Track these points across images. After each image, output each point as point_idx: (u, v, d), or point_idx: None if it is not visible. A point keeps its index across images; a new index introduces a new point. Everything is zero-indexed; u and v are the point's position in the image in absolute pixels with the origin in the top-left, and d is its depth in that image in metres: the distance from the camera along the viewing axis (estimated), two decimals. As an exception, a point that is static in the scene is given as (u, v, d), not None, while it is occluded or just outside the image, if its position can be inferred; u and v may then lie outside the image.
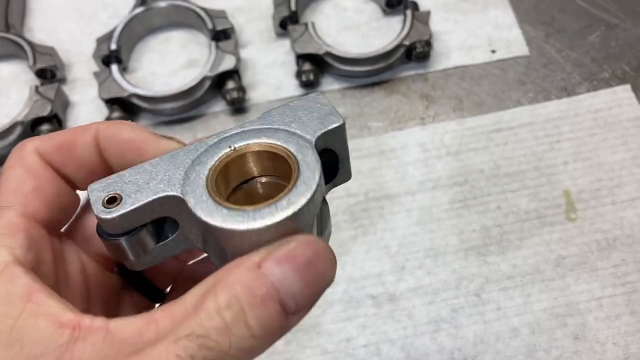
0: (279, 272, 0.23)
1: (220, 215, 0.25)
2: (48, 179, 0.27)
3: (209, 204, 0.26)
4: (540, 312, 0.51)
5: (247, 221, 0.25)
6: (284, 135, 0.28)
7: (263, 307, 0.22)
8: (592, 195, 0.56)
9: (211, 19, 0.65)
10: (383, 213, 0.56)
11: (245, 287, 0.22)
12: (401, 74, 0.64)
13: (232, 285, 0.22)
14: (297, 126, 0.29)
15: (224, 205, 0.25)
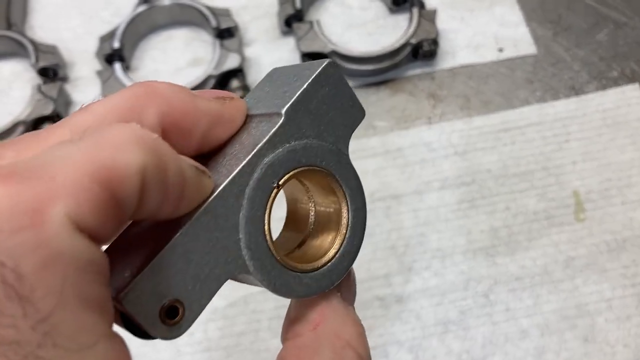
0: (351, 295, 0.27)
1: (301, 286, 0.25)
2: None
3: (283, 276, 0.24)
4: (550, 314, 0.51)
5: (323, 283, 0.25)
6: (321, 152, 0.25)
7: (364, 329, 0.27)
8: (601, 195, 0.56)
9: (215, 17, 0.65)
10: (389, 213, 0.56)
11: (359, 325, 0.26)
12: (407, 72, 0.64)
13: (353, 328, 0.26)
14: (326, 130, 0.26)
15: (298, 271, 0.25)
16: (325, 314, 0.25)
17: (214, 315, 0.52)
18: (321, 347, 0.24)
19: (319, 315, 0.25)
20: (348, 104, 0.26)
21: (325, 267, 0.26)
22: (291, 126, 0.24)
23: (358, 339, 0.25)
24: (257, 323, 0.51)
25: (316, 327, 0.25)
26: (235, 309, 0.52)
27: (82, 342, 0.18)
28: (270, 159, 0.24)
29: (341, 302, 0.26)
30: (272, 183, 0.24)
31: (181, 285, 0.21)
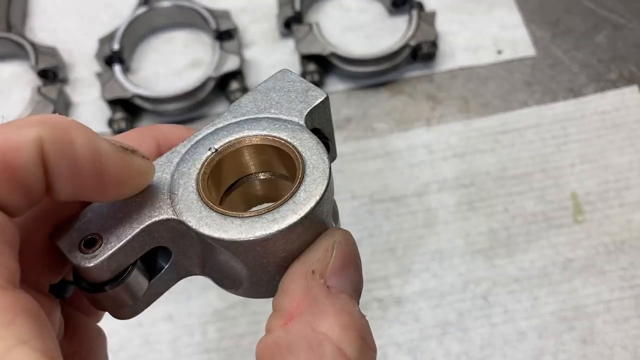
0: (346, 281, 0.23)
1: (235, 227, 0.22)
2: None
3: (215, 218, 0.23)
4: (548, 316, 0.51)
5: (269, 225, 0.22)
6: (267, 124, 0.25)
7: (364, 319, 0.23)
8: (599, 197, 0.56)
9: (215, 19, 0.65)
10: (389, 215, 0.56)
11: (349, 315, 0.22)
12: (406, 74, 0.64)
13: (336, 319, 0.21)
14: (277, 111, 0.26)
15: (233, 215, 0.23)
16: (300, 305, 0.22)
17: (213, 317, 0.52)
18: (293, 346, 0.21)
19: (293, 306, 0.22)
20: (304, 91, 0.27)
21: (265, 214, 0.23)
22: (232, 112, 0.27)
23: (341, 332, 0.21)
24: (256, 325, 0.51)
25: (288, 322, 0.21)
26: (235, 310, 0.52)
27: None
28: (204, 132, 0.26)
29: (323, 289, 0.22)
30: (208, 149, 0.25)
31: (102, 222, 0.23)
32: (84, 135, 0.21)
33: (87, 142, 0.21)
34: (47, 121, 0.21)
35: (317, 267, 0.23)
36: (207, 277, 0.26)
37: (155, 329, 0.52)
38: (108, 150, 0.22)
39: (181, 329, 0.51)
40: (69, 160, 0.21)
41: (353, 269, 0.24)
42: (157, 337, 0.51)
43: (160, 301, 0.55)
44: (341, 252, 0.23)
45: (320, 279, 0.23)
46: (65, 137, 0.21)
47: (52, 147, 0.20)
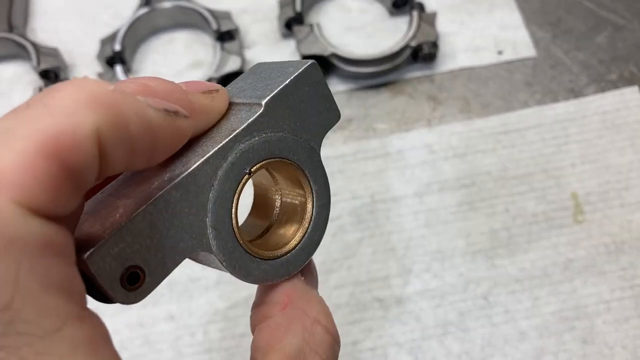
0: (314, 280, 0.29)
1: (259, 270, 0.26)
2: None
3: (245, 260, 0.26)
4: (549, 316, 0.51)
5: (285, 270, 0.27)
6: (295, 146, 0.27)
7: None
8: (600, 197, 0.56)
9: (216, 19, 0.65)
10: (389, 215, 0.56)
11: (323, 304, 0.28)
12: (407, 75, 0.64)
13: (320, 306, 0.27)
14: (302, 126, 0.27)
15: (260, 257, 0.26)
16: (291, 295, 0.27)
17: (215, 316, 0.52)
18: (292, 324, 0.25)
19: (285, 296, 0.27)
20: (325, 105, 0.27)
21: (285, 256, 0.27)
22: (269, 117, 0.25)
23: (325, 316, 0.27)
24: (257, 324, 0.51)
25: (285, 307, 0.26)
26: (237, 310, 0.52)
27: (47, 327, 0.17)
28: (245, 146, 0.24)
29: (305, 284, 0.28)
30: (244, 169, 0.24)
31: (145, 253, 0.22)
32: (135, 110, 0.20)
33: (139, 118, 0.20)
34: (97, 101, 0.19)
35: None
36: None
37: (157, 329, 0.52)
38: (158, 121, 0.21)
39: (182, 328, 0.52)
40: (126, 144, 0.19)
41: (315, 273, 0.30)
42: (158, 337, 0.51)
43: (162, 301, 0.55)
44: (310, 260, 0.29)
45: (302, 277, 0.28)
46: (120, 120, 0.19)
47: (109, 134, 0.19)
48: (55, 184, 0.18)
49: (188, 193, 0.23)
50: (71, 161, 0.18)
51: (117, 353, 0.20)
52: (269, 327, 0.26)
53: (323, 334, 0.26)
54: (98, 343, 0.19)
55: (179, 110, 0.23)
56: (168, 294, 0.53)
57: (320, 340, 0.26)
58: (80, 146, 0.18)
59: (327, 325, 0.26)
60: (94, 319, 0.19)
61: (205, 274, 0.54)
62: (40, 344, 0.17)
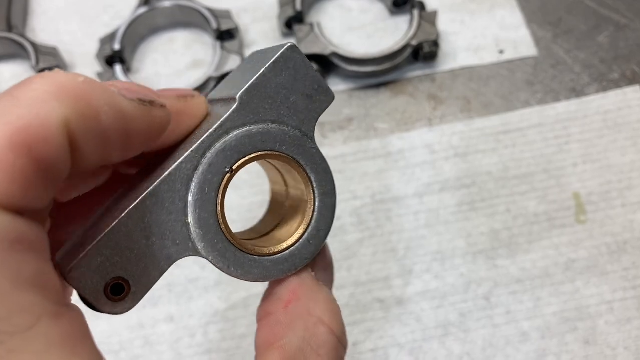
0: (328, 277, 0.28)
1: (258, 268, 0.25)
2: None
3: (240, 258, 0.24)
4: (550, 316, 0.51)
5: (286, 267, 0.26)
6: (281, 137, 0.25)
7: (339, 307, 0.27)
8: (601, 197, 0.55)
9: (216, 19, 0.65)
10: (390, 215, 0.56)
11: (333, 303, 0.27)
12: (408, 74, 0.64)
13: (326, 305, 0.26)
14: (287, 114, 0.25)
15: (256, 254, 0.25)
16: (297, 292, 0.26)
17: (214, 318, 0.52)
18: (293, 324, 0.24)
19: (290, 293, 0.26)
20: (312, 87, 0.25)
21: (287, 251, 0.26)
22: (247, 111, 0.24)
23: (331, 316, 0.25)
24: (257, 325, 0.51)
25: (288, 305, 0.25)
26: (236, 311, 0.52)
27: (19, 324, 0.17)
28: (222, 144, 0.24)
29: (314, 281, 0.26)
30: (224, 168, 0.24)
31: (126, 264, 0.22)
32: (106, 100, 0.19)
33: (111, 109, 0.19)
34: (66, 92, 0.18)
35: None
36: None
37: (156, 330, 0.51)
38: (132, 111, 0.20)
39: (182, 330, 0.51)
40: (98, 135, 0.19)
41: (331, 268, 0.29)
42: (158, 338, 0.51)
43: (161, 302, 0.55)
44: (323, 254, 0.28)
45: (312, 272, 0.27)
46: (90, 111, 0.19)
47: (79, 126, 0.18)
48: (25, 178, 0.17)
49: (164, 200, 0.23)
50: (40, 154, 0.17)
51: (97, 350, 0.19)
52: (269, 325, 0.25)
53: (326, 334, 0.25)
54: (76, 340, 0.18)
55: (155, 99, 0.22)
56: (167, 295, 0.53)
57: (323, 340, 0.24)
58: (49, 138, 0.17)
59: (331, 326, 0.25)
60: (72, 315, 0.19)
61: (204, 274, 0.53)
62: (12, 342, 0.17)
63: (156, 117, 0.22)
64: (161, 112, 0.22)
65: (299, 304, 0.25)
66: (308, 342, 0.24)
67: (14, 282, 0.17)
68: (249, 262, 0.25)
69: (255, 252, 0.25)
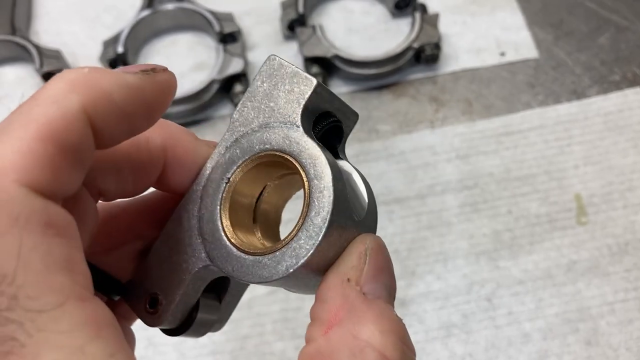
0: (381, 287, 0.23)
1: (264, 268, 0.23)
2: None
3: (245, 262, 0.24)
4: (552, 317, 0.51)
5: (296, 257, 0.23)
6: (269, 135, 0.25)
7: (401, 322, 0.23)
8: (603, 199, 0.56)
9: (218, 21, 0.65)
10: (393, 217, 0.56)
11: (387, 320, 0.22)
12: (410, 76, 0.64)
13: (376, 325, 0.22)
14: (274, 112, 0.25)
15: (260, 254, 0.24)
16: (339, 313, 0.22)
17: (218, 319, 0.52)
18: (336, 353, 0.21)
19: (332, 315, 0.22)
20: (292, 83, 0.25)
21: (285, 247, 0.23)
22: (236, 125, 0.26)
23: (382, 338, 0.21)
24: (261, 327, 0.51)
25: (328, 330, 0.22)
26: (240, 312, 0.52)
27: (48, 302, 0.18)
28: (218, 161, 0.26)
29: (360, 296, 0.22)
30: (222, 180, 0.25)
31: (158, 281, 0.26)
32: (113, 80, 0.21)
33: (119, 86, 0.21)
34: (77, 84, 0.20)
35: (352, 275, 0.23)
36: None
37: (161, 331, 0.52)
38: (139, 82, 0.22)
39: (186, 331, 0.52)
40: (115, 111, 0.21)
41: (386, 274, 0.24)
42: (162, 340, 0.51)
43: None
44: (374, 258, 0.24)
45: (356, 286, 0.23)
46: (102, 93, 0.21)
47: (97, 108, 0.20)
48: (54, 164, 0.19)
49: (182, 220, 0.26)
50: (65, 140, 0.19)
51: (121, 337, 0.20)
52: (310, 356, 0.22)
53: (377, 358, 0.21)
54: (100, 324, 0.19)
55: (155, 66, 0.24)
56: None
57: None
58: (71, 125, 0.20)
59: (381, 349, 0.21)
60: (98, 303, 0.20)
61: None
62: (40, 320, 0.18)
63: (162, 80, 0.23)
64: (165, 75, 0.24)
65: (341, 328, 0.22)
66: None
67: (45, 263, 0.18)
68: (251, 263, 0.24)
69: (257, 252, 0.24)
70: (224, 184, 0.25)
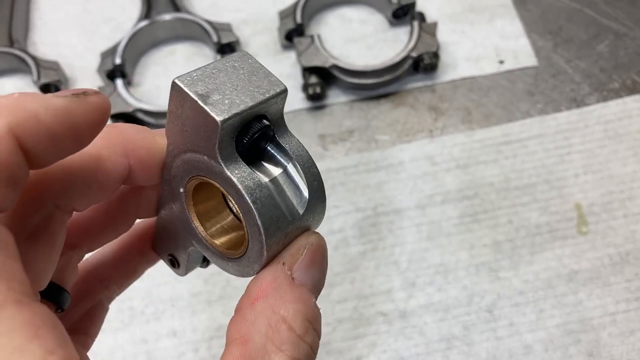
0: (310, 279, 0.27)
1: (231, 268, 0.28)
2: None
3: (219, 257, 0.29)
4: (554, 328, 0.51)
5: (252, 266, 0.27)
6: (197, 162, 0.26)
7: (316, 310, 0.27)
8: (603, 208, 0.55)
9: (216, 32, 0.65)
10: (392, 228, 0.56)
11: (304, 304, 0.26)
12: (408, 85, 0.64)
13: (293, 305, 0.26)
14: (195, 145, 0.25)
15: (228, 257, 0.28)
16: (266, 289, 0.26)
17: (218, 332, 0.52)
18: (257, 321, 0.25)
19: (261, 290, 0.26)
20: (199, 119, 0.25)
21: (242, 257, 0.27)
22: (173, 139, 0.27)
23: (295, 316, 0.25)
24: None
25: (254, 302, 0.26)
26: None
27: None
28: (173, 171, 0.28)
29: (287, 279, 0.26)
30: (179, 190, 0.28)
31: (169, 246, 0.31)
32: (40, 103, 0.22)
33: (47, 109, 0.22)
34: (5, 107, 0.21)
35: (287, 261, 0.27)
36: None
37: (160, 345, 0.51)
38: (68, 104, 0.23)
39: (186, 344, 0.51)
40: (42, 133, 0.22)
41: (318, 269, 0.28)
42: (161, 353, 0.51)
43: (164, 317, 0.55)
44: (311, 253, 0.27)
45: (288, 271, 0.27)
46: (29, 115, 0.22)
47: (24, 129, 0.21)
48: None
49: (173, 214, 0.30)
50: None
51: (64, 338, 0.21)
52: (236, 321, 0.26)
53: (286, 331, 0.25)
54: (39, 326, 0.20)
55: (87, 90, 0.24)
56: (170, 310, 0.53)
57: (285, 338, 0.25)
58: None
59: (293, 326, 0.25)
60: (37, 305, 0.21)
61: (207, 288, 0.53)
62: None
63: (92, 102, 0.24)
64: (95, 98, 0.24)
65: (265, 302, 0.26)
66: (271, 339, 0.25)
67: None
68: (222, 260, 0.28)
69: (225, 255, 0.28)
70: (183, 193, 0.28)
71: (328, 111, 0.63)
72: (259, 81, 0.26)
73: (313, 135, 0.62)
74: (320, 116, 0.63)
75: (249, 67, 0.26)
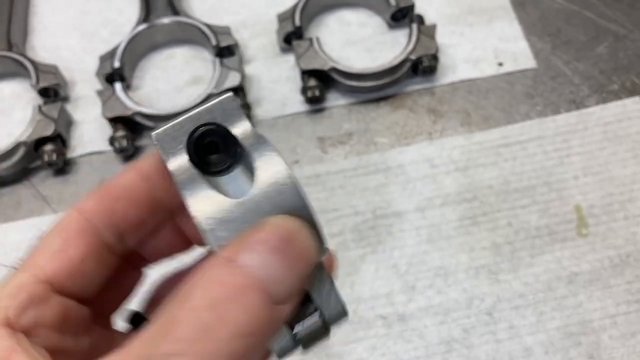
0: (255, 259, 0.21)
1: None
2: (76, 239, 0.26)
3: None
4: (554, 331, 0.50)
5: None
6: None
7: (245, 298, 0.20)
8: (603, 210, 0.55)
9: (215, 35, 0.65)
10: (391, 231, 0.55)
11: (220, 284, 0.20)
12: (407, 88, 0.64)
13: (206, 286, 0.20)
14: None
15: None
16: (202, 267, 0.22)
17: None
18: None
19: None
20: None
21: None
22: None
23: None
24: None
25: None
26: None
27: None
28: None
29: (223, 264, 0.21)
30: None
31: None
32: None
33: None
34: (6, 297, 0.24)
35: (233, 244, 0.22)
36: None
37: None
38: None
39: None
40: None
41: (273, 255, 0.22)
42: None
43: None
44: (260, 236, 0.22)
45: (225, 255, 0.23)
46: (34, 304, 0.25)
47: (22, 314, 0.24)
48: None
49: None
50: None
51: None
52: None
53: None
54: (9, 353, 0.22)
55: None
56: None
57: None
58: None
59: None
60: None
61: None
62: None
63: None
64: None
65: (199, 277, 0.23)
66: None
67: None
68: None
69: None
70: None
71: (327, 114, 0.63)
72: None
73: (312, 138, 0.62)
74: (319, 119, 0.63)
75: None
